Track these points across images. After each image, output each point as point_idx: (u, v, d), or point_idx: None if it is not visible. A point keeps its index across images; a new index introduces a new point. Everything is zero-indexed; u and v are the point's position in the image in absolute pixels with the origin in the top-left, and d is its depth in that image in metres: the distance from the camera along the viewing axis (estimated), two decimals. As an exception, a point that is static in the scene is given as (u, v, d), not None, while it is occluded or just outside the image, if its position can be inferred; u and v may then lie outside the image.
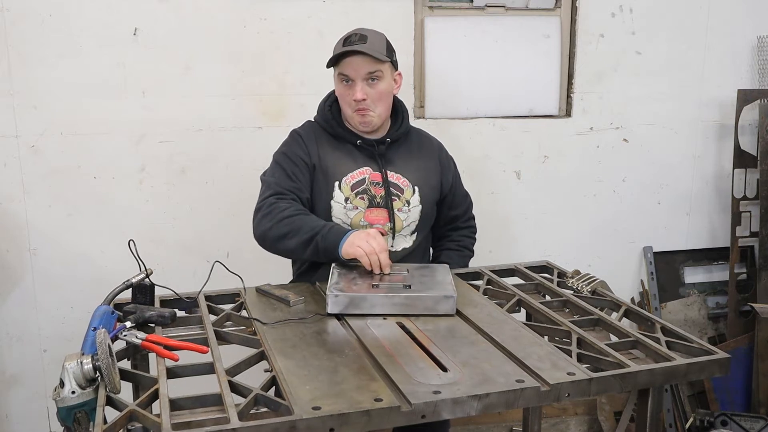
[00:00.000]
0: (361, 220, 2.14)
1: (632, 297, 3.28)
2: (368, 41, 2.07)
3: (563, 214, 3.13)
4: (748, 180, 3.17)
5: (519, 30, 2.97)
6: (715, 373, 1.60)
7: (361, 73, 2.07)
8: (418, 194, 2.19)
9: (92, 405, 1.46)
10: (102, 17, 2.54)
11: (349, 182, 2.15)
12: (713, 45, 3.13)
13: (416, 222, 2.20)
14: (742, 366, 3.08)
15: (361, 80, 2.08)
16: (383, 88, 2.12)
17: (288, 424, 1.31)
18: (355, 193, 2.15)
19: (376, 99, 2.11)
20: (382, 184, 2.16)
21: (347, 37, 2.10)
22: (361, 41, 2.06)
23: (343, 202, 2.14)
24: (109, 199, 2.66)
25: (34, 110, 2.55)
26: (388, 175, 2.17)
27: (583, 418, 3.20)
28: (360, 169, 2.17)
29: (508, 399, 1.43)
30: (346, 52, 2.07)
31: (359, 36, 2.08)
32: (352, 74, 2.08)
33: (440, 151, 2.33)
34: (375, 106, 2.12)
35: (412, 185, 2.20)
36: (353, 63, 2.07)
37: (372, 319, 1.80)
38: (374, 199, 2.15)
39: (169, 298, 1.96)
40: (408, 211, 2.18)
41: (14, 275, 2.64)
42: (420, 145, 2.29)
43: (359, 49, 2.05)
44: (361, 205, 2.15)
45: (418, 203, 2.19)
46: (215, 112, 2.70)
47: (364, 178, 2.16)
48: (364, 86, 2.09)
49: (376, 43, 2.09)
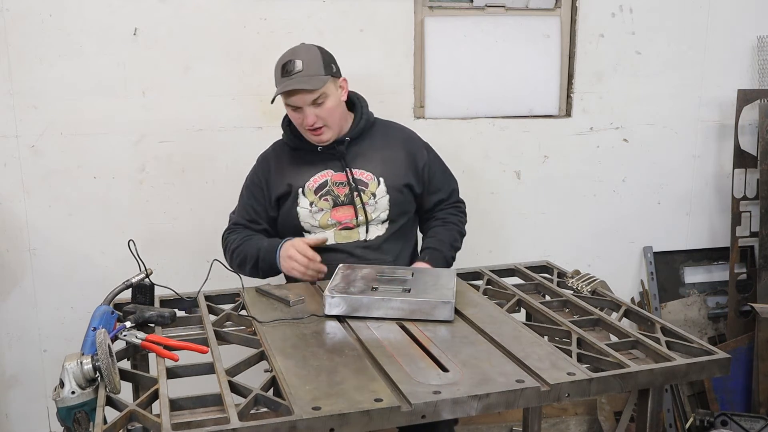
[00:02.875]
0: (328, 220, 2.25)
1: (632, 297, 3.28)
2: (304, 68, 2.13)
3: (563, 214, 3.13)
4: (748, 180, 3.17)
5: (519, 30, 2.97)
6: (715, 373, 1.60)
7: (306, 101, 2.15)
8: (384, 185, 2.27)
9: (92, 405, 1.46)
10: (102, 17, 2.55)
11: (311, 187, 2.25)
12: (713, 45, 3.13)
13: (386, 211, 2.27)
14: (742, 366, 3.08)
15: (308, 105, 2.16)
16: (331, 105, 2.19)
17: (288, 424, 1.31)
18: (318, 196, 2.25)
19: (326, 117, 2.19)
20: (346, 182, 2.25)
21: (283, 65, 2.16)
22: (296, 72, 2.13)
23: (308, 206, 2.25)
24: (109, 199, 2.66)
25: (34, 110, 2.55)
26: (353, 173, 2.26)
27: (583, 418, 3.20)
28: (321, 173, 2.27)
29: (508, 399, 1.43)
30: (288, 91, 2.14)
31: (292, 64, 2.14)
32: (299, 103, 2.16)
33: (409, 140, 2.38)
34: (327, 122, 2.20)
35: (377, 177, 2.27)
36: (295, 98, 2.15)
37: (372, 318, 1.80)
38: (338, 198, 2.25)
39: (169, 298, 1.96)
40: (375, 203, 2.25)
41: (14, 275, 2.64)
42: (385, 137, 2.35)
43: (297, 86, 2.12)
44: (325, 206, 2.25)
45: (384, 193, 2.26)
46: (215, 112, 2.70)
47: (326, 180, 2.26)
48: (312, 110, 2.16)
49: (312, 67, 2.14)
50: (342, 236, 2.25)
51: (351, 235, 2.25)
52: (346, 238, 2.25)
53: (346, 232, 2.25)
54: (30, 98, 2.54)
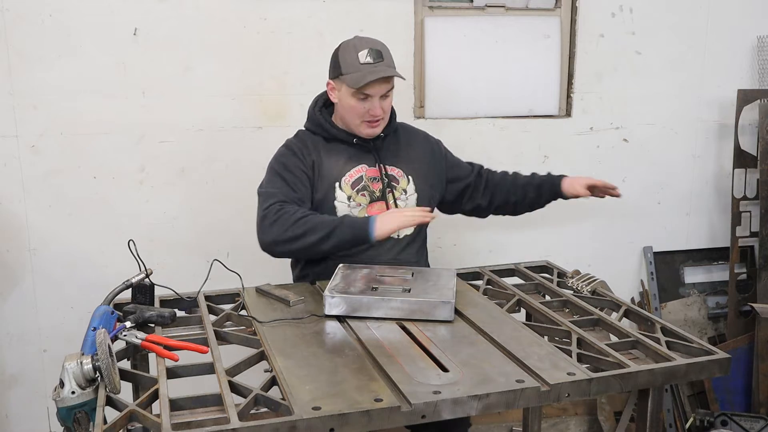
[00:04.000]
0: (365, 215, 2.19)
1: (632, 297, 3.28)
2: (385, 58, 2.12)
3: (563, 214, 3.12)
4: (748, 180, 3.17)
5: (519, 30, 2.97)
6: (715, 373, 1.60)
7: (382, 92, 2.14)
8: (412, 183, 2.28)
9: (92, 405, 1.46)
10: (102, 17, 2.54)
11: (348, 181, 2.21)
12: (713, 45, 3.13)
13: None
14: (742, 366, 3.08)
15: (380, 96, 2.14)
16: (391, 99, 2.21)
17: (288, 424, 1.31)
18: (356, 191, 2.21)
19: (387, 110, 2.20)
20: (380, 178, 2.23)
21: (360, 53, 2.11)
22: (379, 59, 2.11)
23: (347, 201, 2.20)
24: (109, 198, 2.66)
25: (34, 110, 2.55)
26: (387, 169, 2.25)
27: (583, 418, 3.20)
28: (357, 167, 2.23)
29: (508, 399, 1.43)
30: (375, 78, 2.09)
31: (376, 53, 2.12)
32: (374, 93, 2.13)
33: (426, 139, 2.42)
34: (386, 115, 2.21)
35: (406, 175, 2.28)
36: (377, 85, 2.11)
37: (372, 319, 1.80)
38: (374, 194, 2.23)
39: (169, 298, 1.96)
40: (406, 198, 2.27)
41: (14, 275, 2.64)
42: (408, 138, 2.37)
43: (388, 74, 2.10)
44: (363, 202, 2.21)
45: (413, 191, 2.28)
46: (215, 112, 2.70)
47: (362, 176, 2.23)
48: (380, 102, 2.15)
49: (390, 58, 2.15)
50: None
51: None
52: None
53: None
54: (30, 98, 2.54)
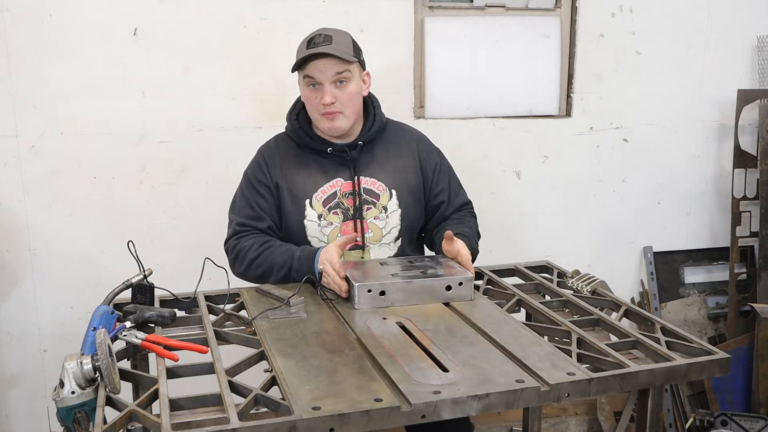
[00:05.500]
0: (338, 235, 2.09)
1: (632, 297, 3.28)
2: (333, 41, 1.99)
3: (563, 214, 3.13)
4: (748, 180, 3.17)
5: (519, 30, 2.97)
6: (715, 373, 1.60)
7: (328, 76, 2.00)
8: (396, 197, 2.13)
9: (92, 405, 1.46)
10: (102, 17, 2.55)
11: (320, 198, 2.10)
12: (713, 45, 3.13)
13: (398, 227, 2.14)
14: (742, 366, 3.08)
15: (329, 83, 2.01)
16: (352, 90, 2.04)
17: (288, 424, 1.30)
18: (327, 208, 2.09)
19: (345, 101, 2.04)
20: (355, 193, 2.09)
21: (311, 39, 2.02)
22: (326, 42, 1.98)
23: (317, 219, 2.09)
24: (109, 199, 2.66)
25: (34, 110, 2.55)
26: (361, 182, 2.11)
27: (583, 418, 3.20)
28: (331, 182, 2.11)
29: (508, 399, 1.43)
30: (311, 55, 1.98)
31: (323, 36, 2.00)
32: (319, 77, 2.00)
33: (419, 143, 2.23)
34: (344, 108, 2.04)
35: (389, 188, 2.13)
36: (319, 65, 1.99)
37: (372, 319, 1.80)
38: (348, 212, 2.10)
39: (169, 299, 1.96)
40: (386, 217, 2.12)
41: (14, 275, 2.64)
42: (398, 141, 2.19)
43: (325, 51, 1.97)
44: (335, 221, 2.09)
45: (396, 207, 2.13)
46: (215, 112, 2.70)
47: (335, 191, 2.10)
48: (332, 89, 2.01)
49: (342, 43, 2.02)
50: (351, 256, 2.08)
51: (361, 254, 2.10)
52: (355, 257, 2.09)
53: (355, 252, 2.09)
54: (30, 98, 2.54)
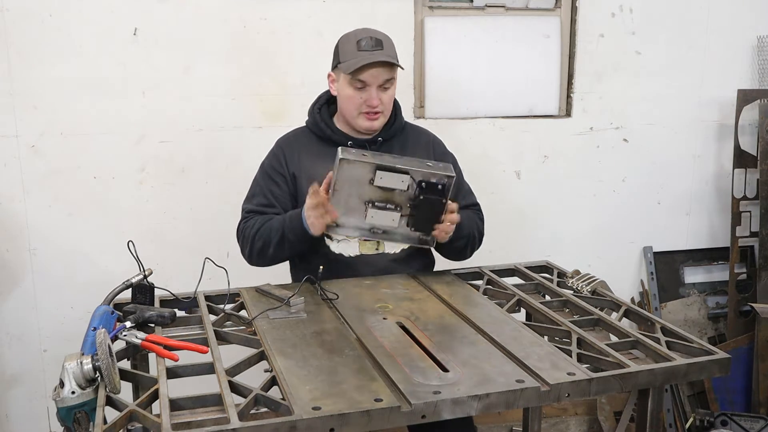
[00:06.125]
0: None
1: (632, 297, 3.28)
2: (384, 47, 2.05)
3: (563, 214, 3.13)
4: (748, 180, 3.17)
5: (519, 30, 2.97)
6: (715, 373, 1.60)
7: (379, 80, 2.06)
8: None
9: (92, 405, 1.46)
10: (102, 17, 2.54)
11: None
12: (713, 45, 3.13)
13: None
14: (742, 366, 3.08)
15: (377, 86, 2.07)
16: (393, 93, 2.12)
17: (288, 424, 1.31)
18: None
19: (387, 103, 2.11)
20: None
21: (359, 41, 2.05)
22: (377, 47, 2.04)
23: None
24: (109, 199, 2.66)
25: (34, 110, 2.55)
26: None
27: (583, 418, 3.20)
28: None
29: (508, 399, 1.43)
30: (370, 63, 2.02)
31: (375, 41, 2.05)
32: (371, 81, 2.06)
33: (435, 146, 2.28)
34: (385, 109, 2.12)
35: None
36: (374, 71, 2.05)
37: (372, 318, 1.80)
38: None
39: (169, 299, 1.96)
40: None
41: (14, 275, 2.64)
42: (415, 142, 2.25)
43: (382, 59, 2.03)
44: None
45: None
46: (215, 112, 2.70)
47: None
48: (379, 93, 2.07)
49: (391, 48, 2.08)
50: (366, 247, 2.13)
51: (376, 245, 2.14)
52: (371, 249, 2.13)
53: (370, 243, 2.13)
54: (30, 98, 2.54)
